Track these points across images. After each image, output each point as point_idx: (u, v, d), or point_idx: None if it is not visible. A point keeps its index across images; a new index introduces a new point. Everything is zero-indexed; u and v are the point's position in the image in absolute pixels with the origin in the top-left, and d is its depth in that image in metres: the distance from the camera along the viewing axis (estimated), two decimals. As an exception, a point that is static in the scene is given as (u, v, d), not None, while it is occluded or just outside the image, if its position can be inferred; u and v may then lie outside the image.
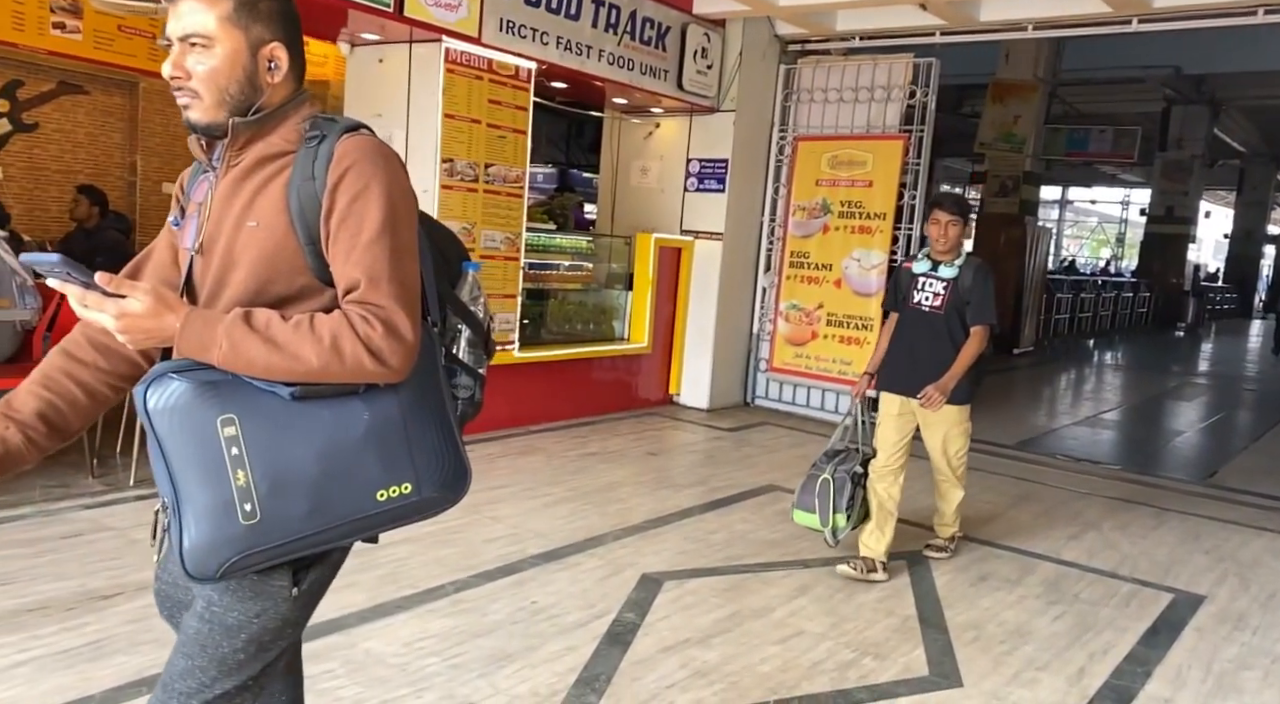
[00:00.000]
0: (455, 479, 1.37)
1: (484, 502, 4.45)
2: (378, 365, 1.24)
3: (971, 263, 3.83)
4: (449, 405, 1.37)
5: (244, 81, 1.35)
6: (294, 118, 1.40)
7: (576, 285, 6.99)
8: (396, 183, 1.34)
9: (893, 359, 3.94)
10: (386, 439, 1.29)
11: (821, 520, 3.78)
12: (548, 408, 6.32)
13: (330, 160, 1.32)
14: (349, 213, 1.30)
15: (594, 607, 3.30)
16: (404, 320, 1.26)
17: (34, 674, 2.53)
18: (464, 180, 5.49)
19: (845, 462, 3.87)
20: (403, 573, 3.46)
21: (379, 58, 5.56)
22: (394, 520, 1.33)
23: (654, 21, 6.48)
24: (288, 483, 1.24)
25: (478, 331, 1.49)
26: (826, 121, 7.17)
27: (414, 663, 2.79)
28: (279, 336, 1.22)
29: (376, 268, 1.28)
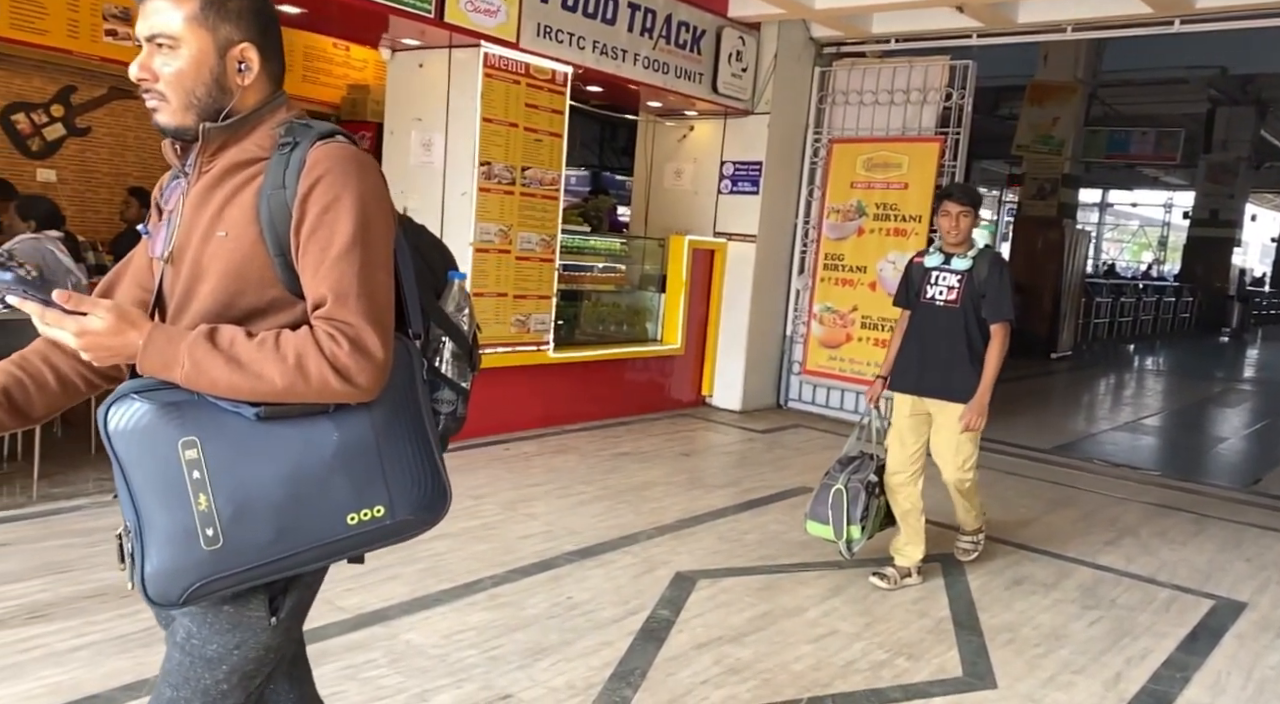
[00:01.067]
0: (433, 501, 1.31)
1: (520, 499, 4.52)
2: (345, 385, 1.19)
3: (986, 254, 3.69)
4: (428, 422, 1.31)
5: (211, 84, 1.30)
6: (269, 122, 1.34)
7: (610, 287, 7.05)
8: (371, 193, 1.28)
9: (906, 357, 3.80)
10: (358, 460, 1.23)
11: (835, 532, 3.65)
12: (581, 408, 6.39)
13: (302, 168, 1.26)
14: (319, 224, 1.24)
15: (628, 603, 3.35)
16: (373, 338, 1.21)
17: (92, 658, 2.63)
18: (501, 183, 5.57)
19: (859, 470, 3.73)
20: (442, 567, 3.54)
21: (419, 63, 5.66)
22: (367, 544, 1.28)
23: (689, 25, 6.52)
24: (252, 507, 1.19)
25: (462, 344, 1.43)
26: (862, 124, 7.17)
27: (453, 654, 2.85)
28: (242, 355, 1.18)
29: (344, 283, 1.23)
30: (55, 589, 3.05)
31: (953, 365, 3.63)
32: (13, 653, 2.61)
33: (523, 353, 5.85)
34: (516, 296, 5.76)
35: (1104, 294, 17.17)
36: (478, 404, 5.52)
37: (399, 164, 5.82)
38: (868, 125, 7.13)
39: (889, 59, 7.12)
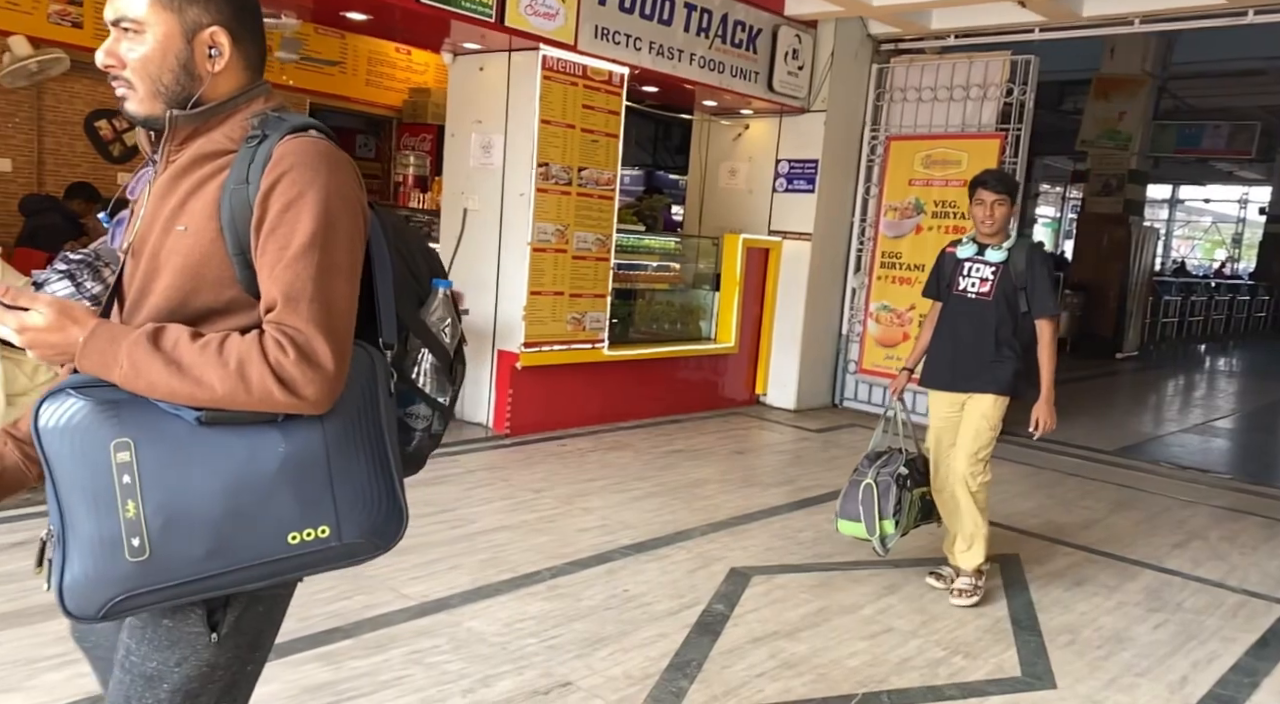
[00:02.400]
0: (386, 525, 1.22)
1: (576, 494, 4.60)
2: (289, 396, 1.11)
3: (1023, 244, 3.54)
4: (389, 440, 1.22)
5: (179, 71, 1.24)
6: (243, 112, 1.27)
7: (664, 285, 7.10)
8: (338, 192, 1.20)
9: (936, 352, 3.68)
10: (304, 476, 1.15)
11: (868, 529, 3.53)
12: (636, 405, 6.45)
13: (267, 163, 1.20)
14: (279, 223, 1.17)
15: (684, 597, 3.40)
16: (324, 347, 1.14)
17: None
18: (558, 183, 5.67)
19: (888, 464, 3.61)
20: (502, 557, 3.63)
21: (479, 66, 5.79)
22: (311, 566, 1.19)
23: (745, 24, 6.53)
24: (184, 518, 1.11)
25: (442, 357, 1.35)
26: (920, 121, 7.09)
27: (514, 642, 2.93)
28: (184, 358, 1.11)
29: (297, 286, 1.15)
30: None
31: (984, 359, 3.51)
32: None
33: (578, 351, 5.94)
34: (572, 295, 5.85)
35: (1173, 293, 16.64)
36: (536, 400, 5.60)
37: (459, 166, 5.96)
38: (926, 122, 7.06)
39: (948, 55, 7.03)
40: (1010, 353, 3.52)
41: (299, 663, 2.68)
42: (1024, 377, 3.57)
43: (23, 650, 2.62)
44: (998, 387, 3.51)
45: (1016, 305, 3.50)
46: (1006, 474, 5.71)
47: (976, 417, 3.53)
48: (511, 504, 4.38)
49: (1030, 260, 3.48)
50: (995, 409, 3.53)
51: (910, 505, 3.60)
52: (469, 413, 5.89)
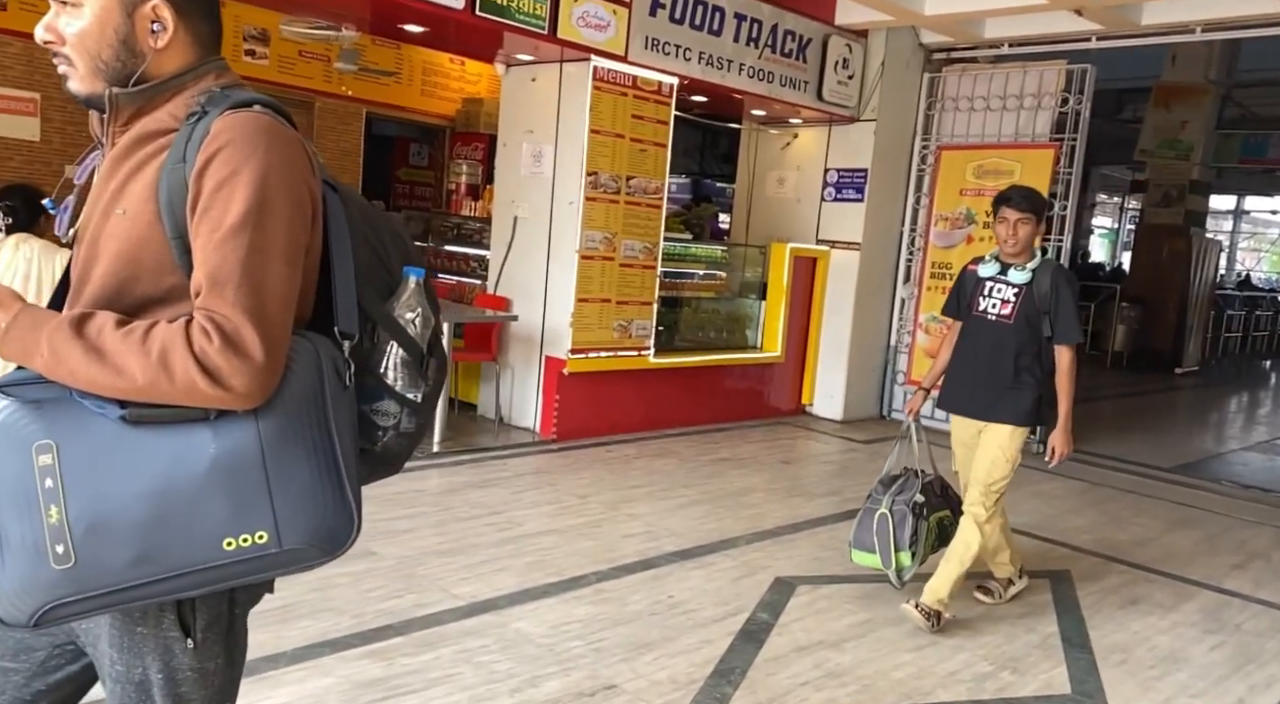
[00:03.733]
0: (333, 530, 1.13)
1: (621, 500, 4.64)
2: (214, 387, 1.04)
3: (1047, 266, 3.35)
4: (339, 438, 1.14)
5: (118, 46, 1.18)
6: (191, 90, 1.21)
7: (710, 293, 7.12)
8: (278, 169, 1.13)
9: (955, 374, 3.51)
10: (238, 478, 1.07)
11: (883, 561, 3.39)
12: (681, 413, 6.47)
13: (205, 140, 1.13)
14: (211, 202, 1.11)
15: (728, 605, 3.41)
16: (251, 335, 1.06)
17: (236, 629, 2.87)
18: (606, 192, 5.73)
19: (904, 490, 3.45)
20: (549, 561, 3.68)
21: (532, 77, 5.89)
22: (252, 573, 1.11)
23: (795, 34, 6.54)
24: (108, 524, 1.05)
25: (412, 350, 1.26)
26: (972, 130, 7.02)
27: (560, 644, 2.98)
28: (106, 346, 1.05)
29: (224, 269, 1.08)
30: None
31: (1002, 385, 3.34)
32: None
33: (624, 357, 5.99)
34: (619, 302, 5.91)
35: (1236, 307, 16.17)
36: (582, 406, 5.66)
37: (510, 174, 6.06)
38: (978, 131, 6.99)
39: (1001, 64, 6.96)
40: (1031, 379, 3.33)
41: (353, 658, 2.76)
42: (1047, 404, 3.38)
43: (93, 638, 2.73)
44: (1015, 417, 3.33)
45: (1039, 330, 3.32)
46: (1058, 489, 5.61)
47: (993, 448, 3.35)
48: (558, 508, 4.43)
49: (1055, 283, 3.30)
50: (1013, 441, 3.33)
51: (927, 534, 3.44)
52: (516, 418, 5.98)
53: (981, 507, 3.35)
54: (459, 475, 4.87)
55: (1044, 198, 3.36)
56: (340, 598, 3.16)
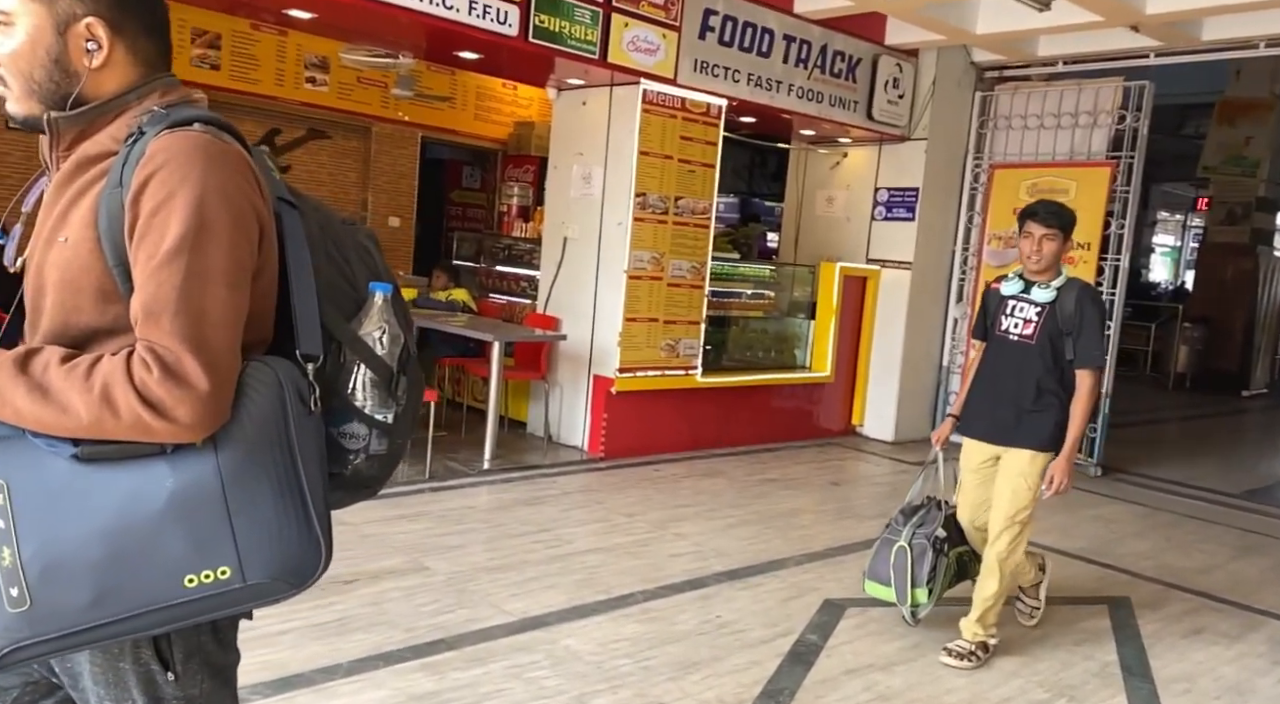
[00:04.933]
0: (300, 562, 1.09)
1: (669, 519, 4.65)
2: (160, 420, 1.01)
3: (1073, 285, 3.19)
4: (304, 465, 1.09)
5: (51, 67, 1.14)
6: (135, 110, 1.16)
7: (758, 313, 7.12)
8: (217, 190, 1.08)
9: (975, 397, 3.35)
10: (197, 512, 1.04)
11: (898, 596, 3.24)
12: (729, 433, 6.47)
13: (140, 162, 1.09)
14: (148, 228, 1.07)
15: (777, 626, 3.39)
16: (192, 364, 1.03)
17: (296, 641, 2.95)
18: (655, 213, 5.79)
19: (925, 523, 3.29)
20: (596, 579, 3.71)
21: (582, 101, 5.99)
22: (217, 609, 1.09)
23: (844, 54, 6.55)
24: (63, 564, 1.02)
25: (380, 370, 1.21)
26: (1025, 148, 6.94)
27: (608, 662, 2.99)
28: (51, 384, 1.02)
29: (160, 298, 1.05)
30: (261, 578, 3.42)
31: (1022, 407, 3.17)
32: (229, 631, 2.96)
33: (672, 377, 6.01)
34: (667, 322, 5.94)
35: (1306, 327, 15.57)
36: (630, 425, 5.70)
37: (560, 196, 6.16)
38: (1032, 150, 6.90)
39: (1056, 82, 6.87)
40: (1054, 401, 3.16)
41: (406, 671, 2.81)
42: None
43: (159, 646, 2.82)
44: (1035, 441, 3.16)
45: (1063, 351, 3.16)
46: (1117, 513, 5.47)
47: (1014, 475, 3.18)
48: (606, 527, 4.46)
49: (1080, 302, 3.13)
50: (1033, 467, 3.16)
51: (946, 570, 3.27)
52: (565, 436, 6.03)
53: (1005, 542, 3.18)
54: (508, 492, 4.93)
55: (1072, 213, 3.20)
56: (394, 612, 3.22)
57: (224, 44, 6.99)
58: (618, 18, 5.30)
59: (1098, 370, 3.15)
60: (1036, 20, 5.79)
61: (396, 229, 8.35)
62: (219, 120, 1.15)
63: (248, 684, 2.63)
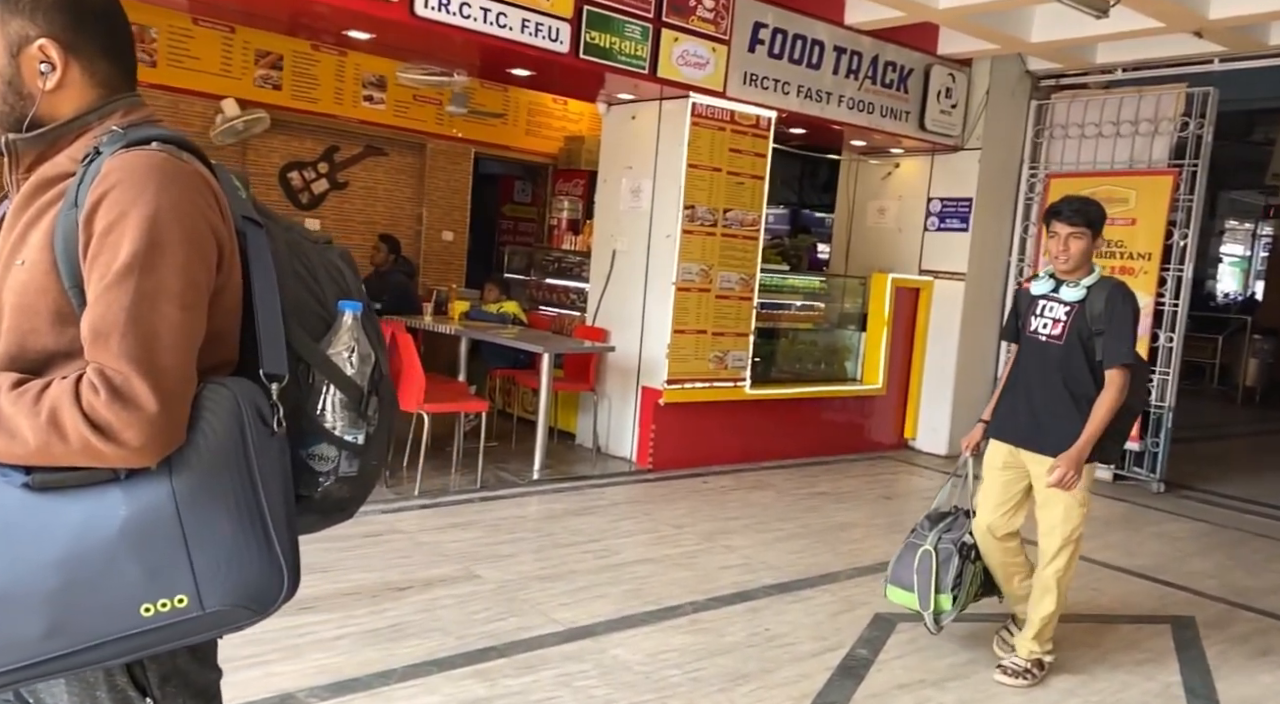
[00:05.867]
0: (258, 588, 1.07)
1: (718, 531, 4.64)
2: (108, 444, 0.99)
3: (1105, 283, 3.05)
4: (267, 490, 1.08)
5: (4, 89, 1.14)
6: (95, 131, 1.15)
7: (808, 325, 7.08)
8: (171, 209, 1.06)
9: (1006, 400, 3.23)
10: (152, 540, 1.02)
11: (921, 602, 3.11)
12: (778, 445, 6.43)
13: (94, 182, 1.07)
14: (100, 248, 1.04)
15: (826, 639, 3.37)
16: (142, 386, 1.00)
17: (351, 647, 3.02)
18: (703, 225, 5.81)
19: (952, 528, 3.19)
20: (645, 590, 3.72)
21: (632, 115, 6.05)
22: (177, 639, 1.06)
23: (896, 65, 6.51)
24: (15, 596, 1.00)
25: (349, 389, 1.20)
26: (1083, 157, 6.81)
27: (657, 672, 3.01)
28: (1, 409, 1.01)
29: (109, 318, 1.02)
30: (319, 586, 3.50)
31: (1051, 412, 3.04)
32: (291, 637, 3.04)
33: (720, 389, 6.01)
34: (715, 333, 5.95)
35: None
36: (678, 436, 5.72)
37: (609, 209, 6.22)
38: (1090, 159, 6.77)
39: (1114, 89, 6.73)
40: (1089, 407, 3.00)
41: (458, 678, 2.86)
42: (1111, 436, 3.05)
43: (222, 649, 2.89)
44: (1066, 450, 2.98)
45: (1093, 352, 3.02)
46: (1181, 531, 5.31)
47: (1055, 498, 3.04)
48: (654, 538, 4.47)
49: (1111, 301, 2.99)
50: (1081, 479, 3.02)
51: (972, 579, 3.17)
52: (614, 447, 6.06)
53: (1063, 560, 3.06)
54: (558, 503, 4.98)
55: (1100, 209, 3.07)
56: (446, 619, 3.28)
57: (285, 64, 7.23)
58: (667, 32, 5.35)
59: (1125, 368, 2.97)
60: (1094, 28, 5.68)
61: (450, 243, 8.50)
62: (179, 139, 1.15)
63: (305, 687, 2.71)
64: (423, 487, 4.91)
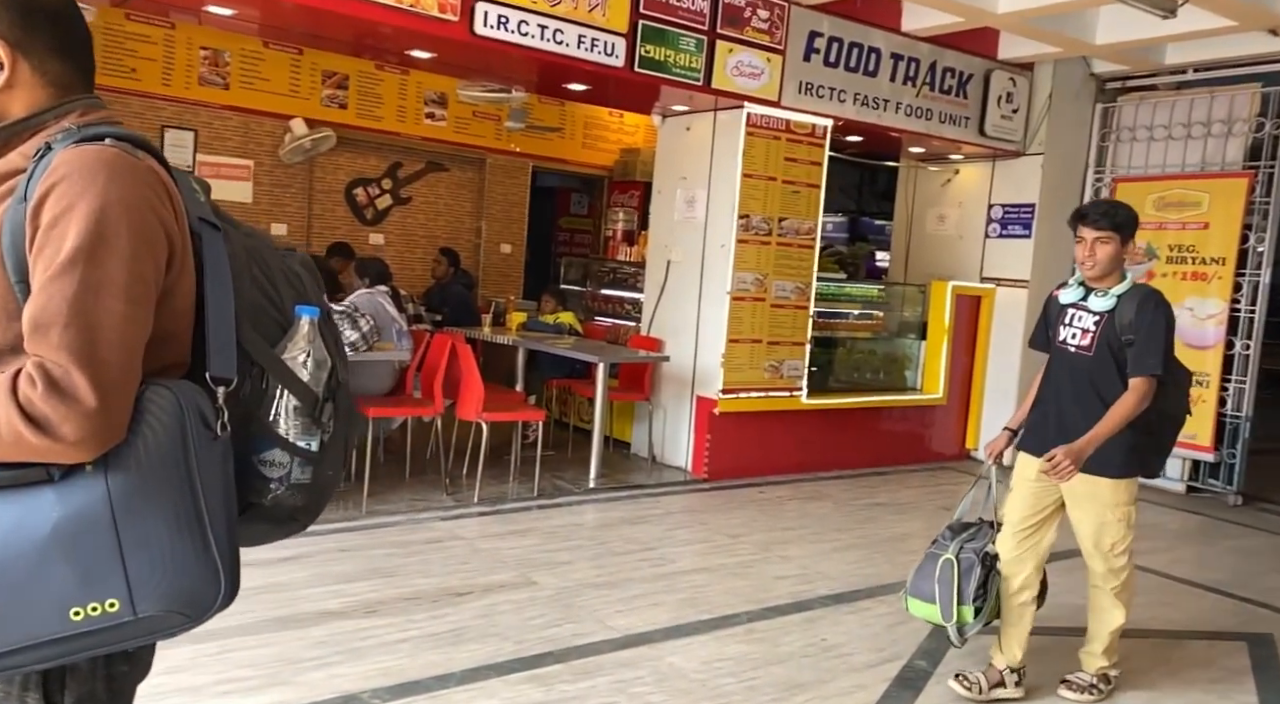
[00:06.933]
0: (193, 593, 1.05)
1: (774, 541, 4.63)
2: (43, 438, 0.97)
3: (1136, 292, 2.91)
4: (207, 494, 1.06)
5: None
6: (51, 130, 1.14)
7: (866, 334, 7.01)
8: (119, 202, 1.05)
9: (1037, 413, 3.10)
10: (85, 542, 0.99)
11: (943, 614, 2.97)
12: (835, 455, 6.37)
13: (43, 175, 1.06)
14: (46, 240, 1.03)
15: (884, 650, 3.33)
16: (81, 380, 0.98)
17: (412, 650, 3.09)
18: (758, 234, 5.81)
19: (975, 538, 3.06)
20: (701, 598, 3.73)
21: (686, 126, 6.09)
22: (108, 644, 1.05)
23: (955, 70, 6.43)
24: None
25: (304, 395, 1.18)
26: (1151, 161, 6.62)
27: (713, 680, 3.01)
28: None
29: (50, 310, 1.00)
30: (382, 590, 3.60)
31: (1083, 426, 2.86)
32: (353, 640, 3.13)
33: (776, 398, 5.99)
34: (770, 343, 5.93)
35: None
36: (733, 446, 5.72)
37: (664, 220, 6.26)
38: (1159, 162, 6.58)
39: (1185, 90, 6.54)
40: None
41: (515, 682, 2.90)
42: (1151, 450, 2.95)
43: (290, 650, 3.02)
44: (1103, 467, 2.87)
45: (1125, 363, 2.88)
46: (1259, 546, 5.11)
47: (1099, 507, 2.91)
48: (710, 547, 4.47)
49: (1141, 310, 2.84)
50: (1118, 495, 2.90)
51: (995, 592, 3.02)
52: (669, 456, 6.08)
53: (1120, 578, 2.96)
54: (613, 511, 5.01)
55: (1130, 212, 2.91)
56: (504, 624, 3.34)
57: (351, 84, 7.46)
58: (722, 44, 5.38)
59: (1150, 379, 2.82)
60: (1162, 28, 5.53)
61: (508, 255, 8.65)
62: (134, 137, 1.14)
63: (368, 689, 2.78)
64: (482, 494, 5.00)
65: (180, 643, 2.88)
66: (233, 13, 4.78)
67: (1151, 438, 2.93)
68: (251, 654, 2.95)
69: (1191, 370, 4.92)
